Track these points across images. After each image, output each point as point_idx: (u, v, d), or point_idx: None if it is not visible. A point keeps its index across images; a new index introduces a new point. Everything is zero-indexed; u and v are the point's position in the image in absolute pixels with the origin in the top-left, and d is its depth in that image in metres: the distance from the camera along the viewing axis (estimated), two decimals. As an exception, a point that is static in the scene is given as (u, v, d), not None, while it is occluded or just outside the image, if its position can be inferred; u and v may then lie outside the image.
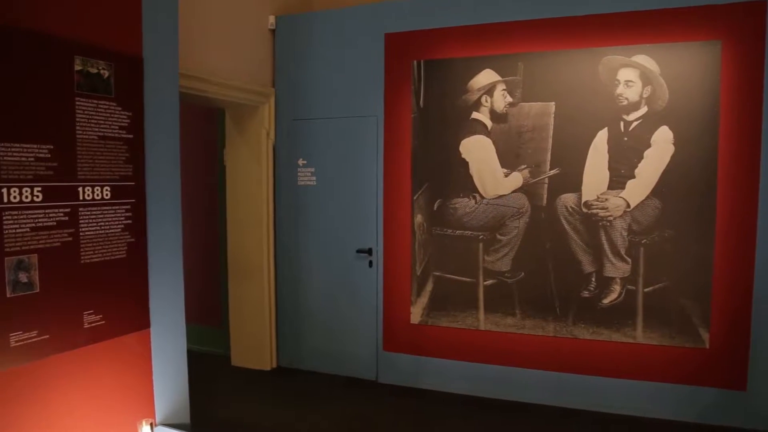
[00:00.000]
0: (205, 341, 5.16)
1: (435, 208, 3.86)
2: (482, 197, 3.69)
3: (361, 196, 4.15)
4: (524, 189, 3.57)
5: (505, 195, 3.62)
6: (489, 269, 3.69)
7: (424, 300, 3.92)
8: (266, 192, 4.42)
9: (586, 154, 3.40)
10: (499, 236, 3.66)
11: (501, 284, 3.66)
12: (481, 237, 3.70)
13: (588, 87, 3.40)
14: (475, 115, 3.68)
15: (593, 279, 3.44)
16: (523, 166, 3.56)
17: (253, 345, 4.52)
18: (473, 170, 3.70)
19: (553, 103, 3.48)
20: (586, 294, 3.46)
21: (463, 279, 3.78)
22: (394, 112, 4.01)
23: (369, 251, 4.11)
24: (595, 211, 3.40)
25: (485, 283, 3.71)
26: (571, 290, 3.49)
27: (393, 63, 3.98)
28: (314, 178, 4.34)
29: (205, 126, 4.91)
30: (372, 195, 4.10)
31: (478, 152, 3.69)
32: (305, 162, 4.38)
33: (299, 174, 4.40)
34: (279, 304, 4.51)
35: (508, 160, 3.60)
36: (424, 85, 3.86)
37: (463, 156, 3.74)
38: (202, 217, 5.06)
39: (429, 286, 3.90)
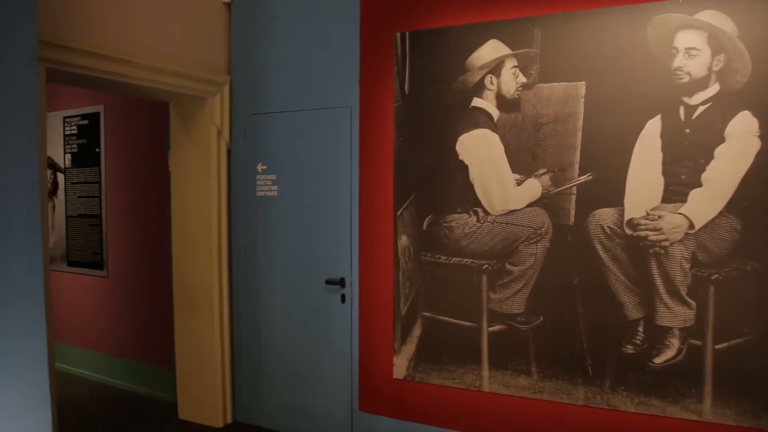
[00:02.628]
0: (153, 385, 4.37)
1: (424, 227, 3.00)
2: (486, 213, 2.81)
3: (331, 210, 3.32)
4: (543, 202, 2.68)
5: (517, 210, 2.74)
6: (496, 311, 2.81)
7: (410, 348, 3.05)
8: (217, 206, 3.62)
9: (631, 153, 2.50)
10: (509, 266, 2.77)
11: (512, 331, 2.77)
12: (485, 267, 2.83)
13: (632, 58, 2.50)
14: (476, 102, 2.82)
15: (640, 329, 2.53)
16: (541, 171, 2.68)
17: (204, 394, 3.70)
18: (474, 176, 2.84)
19: (583, 82, 2.59)
20: (630, 349, 2.54)
21: (461, 323, 2.90)
22: (371, 101, 3.18)
23: (341, 282, 3.27)
24: (643, 233, 2.49)
25: (491, 329, 2.83)
26: (609, 343, 2.58)
27: (370, 37, 3.15)
28: (275, 187, 3.53)
29: (159, 123, 4.15)
30: (345, 209, 3.26)
31: (480, 152, 2.82)
32: (265, 167, 3.56)
33: (258, 182, 3.59)
34: (235, 345, 3.69)
35: (522, 161, 2.72)
36: (410, 64, 3.01)
37: (460, 157, 2.87)
38: (150, 237, 4.30)
39: (417, 331, 3.03)
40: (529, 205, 2.71)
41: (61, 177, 5.00)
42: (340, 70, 3.25)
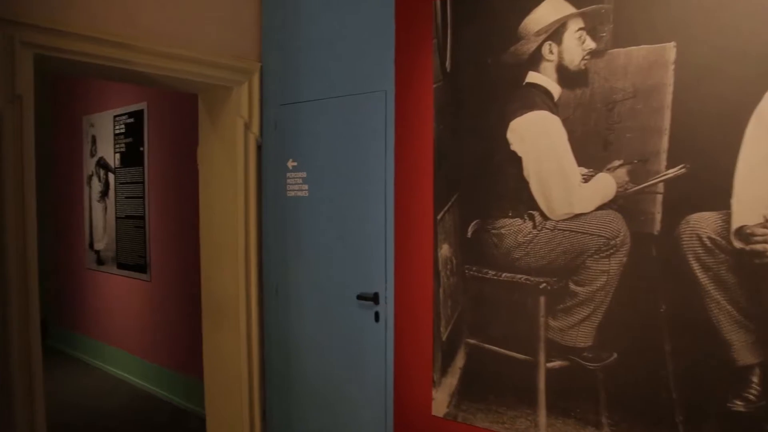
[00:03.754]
0: (190, 397, 4.16)
1: (469, 234, 2.47)
2: (545, 218, 2.25)
3: (364, 212, 2.88)
4: (618, 203, 2.08)
5: (584, 214, 2.15)
6: (556, 342, 2.24)
7: (452, 381, 2.54)
8: (244, 207, 3.28)
9: (741, 137, 1.85)
10: (573, 286, 2.19)
11: (576, 370, 2.19)
12: (542, 286, 2.26)
13: (741, 9, 1.85)
14: (532, 77, 2.26)
15: (755, 379, 1.86)
16: (616, 163, 2.08)
17: (232, 413, 3.38)
18: (529, 171, 2.28)
19: (672, 44, 1.96)
20: (739, 406, 1.88)
21: (513, 354, 2.35)
22: (408, 83, 2.70)
23: (375, 298, 2.81)
24: (759, 246, 1.83)
25: (549, 364, 2.26)
26: (709, 395, 1.93)
27: (407, 6, 2.67)
28: (306, 186, 3.14)
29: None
30: (378, 211, 2.80)
31: (537, 140, 2.26)
32: (295, 164, 3.19)
33: (288, 180, 3.22)
34: (266, 363, 3.35)
35: (590, 151, 2.13)
36: (452, 35, 2.50)
37: (512, 147, 2.33)
38: (189, 241, 4.07)
39: (460, 360, 2.51)
40: (600, 208, 2.11)
41: (113, 178, 4.93)
42: (374, 50, 2.80)
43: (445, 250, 2.56)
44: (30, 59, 2.38)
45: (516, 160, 2.31)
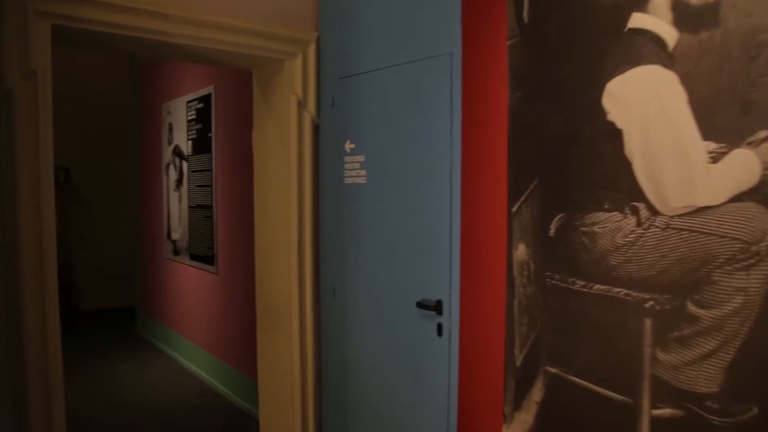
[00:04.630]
0: (250, 398, 3.95)
1: (552, 231, 1.94)
2: (654, 212, 1.67)
3: (425, 202, 2.42)
4: (763, 193, 1.47)
5: (712, 207, 1.55)
6: (666, 382, 1.66)
7: (526, 418, 2.03)
8: (298, 196, 2.94)
9: None
10: (693, 307, 1.60)
11: (695, 423, 1.60)
12: (649, 304, 1.69)
13: None
14: (637, 20, 1.69)
15: None
16: (762, 134, 1.46)
17: (284, 423, 3.08)
18: (633, 148, 1.71)
19: None
20: None
21: (606, 393, 1.80)
22: (477, 40, 2.19)
23: (437, 307, 2.35)
24: None
25: (656, 411, 1.68)
26: None
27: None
28: (364, 171, 2.73)
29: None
30: (443, 201, 2.33)
31: (644, 106, 1.68)
32: (353, 146, 2.79)
33: (346, 165, 2.83)
34: (323, 370, 3.01)
35: (722, 118, 1.52)
36: (532, -25, 1.97)
37: (610, 117, 1.76)
38: (252, 231, 3.83)
39: (537, 393, 1.99)
40: (736, 199, 1.50)
41: (186, 166, 4.83)
42: (437, 3, 2.32)
43: (521, 251, 2.04)
44: (47, 30, 2.17)
45: (614, 134, 1.75)
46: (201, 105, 4.45)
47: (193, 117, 4.59)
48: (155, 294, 5.72)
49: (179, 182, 4.92)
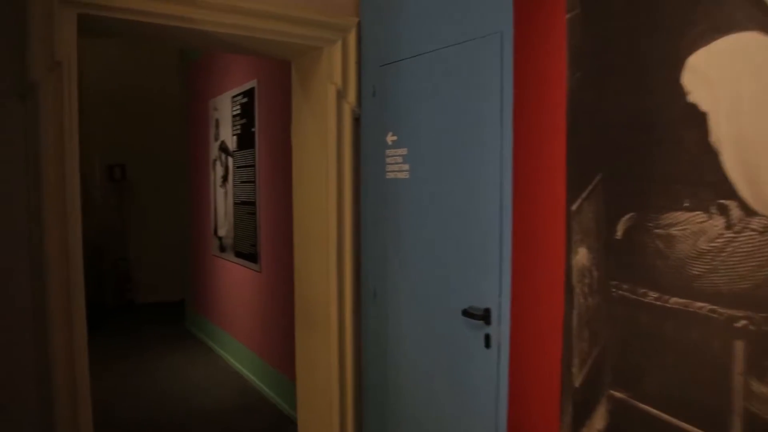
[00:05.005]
0: (282, 393, 3.84)
1: (619, 233, 1.67)
2: (748, 211, 1.38)
3: (473, 199, 2.18)
4: None
5: (825, 205, 1.26)
6: (763, 419, 1.37)
7: (588, 448, 1.77)
8: (337, 192, 2.76)
9: None
10: (799, 328, 1.31)
11: (805, 469, 1.31)
12: (742, 323, 1.40)
13: None
14: (729, -20, 1.40)
15: None
16: None
17: (324, 427, 2.91)
18: (721, 134, 1.42)
19: None
20: None
21: (684, 426, 1.52)
22: (531, 16, 1.93)
23: (485, 316, 2.11)
24: None
25: (751, 453, 1.40)
26: None
27: None
28: (406, 166, 2.52)
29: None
30: (492, 197, 2.09)
31: (736, 82, 1.39)
32: (395, 138, 2.58)
33: (388, 159, 2.62)
34: (363, 378, 2.82)
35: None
36: (597, -65, 1.70)
37: (691, 97, 1.47)
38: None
39: (599, 420, 1.73)
40: None
41: (231, 162, 4.75)
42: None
43: (581, 256, 1.78)
44: (72, 20, 2.06)
45: (696, 118, 1.46)
46: (245, 99, 4.35)
47: (238, 112, 4.50)
48: (203, 290, 5.70)
49: (225, 178, 4.85)
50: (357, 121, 2.79)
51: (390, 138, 2.60)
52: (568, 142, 1.82)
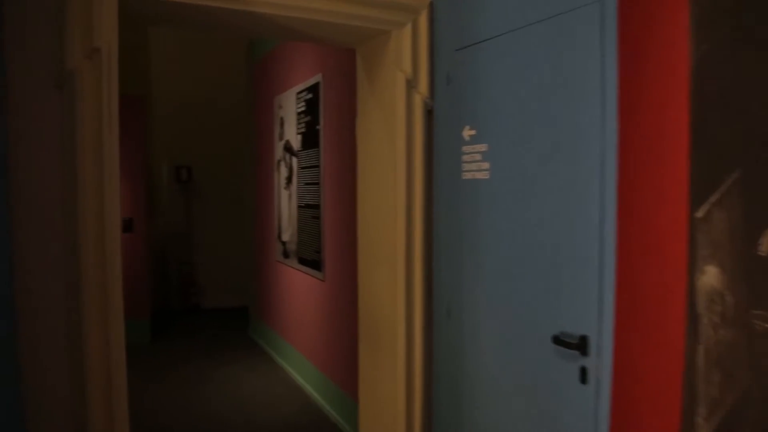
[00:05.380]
0: (344, 413, 3.64)
1: (764, 249, 1.33)
2: None
3: (567, 204, 1.88)
4: None
5: None
6: None
7: None
8: (405, 195, 2.52)
9: None
10: None
11: None
12: None
13: None
14: None
15: None
16: None
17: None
18: None
19: None
20: None
21: None
22: (644, -22, 1.62)
23: (581, 345, 1.80)
24: None
25: None
26: None
27: None
28: (486, 164, 2.24)
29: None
30: (591, 202, 1.78)
31: None
32: (473, 132, 2.31)
33: (464, 157, 2.36)
34: (435, 406, 2.56)
35: None
36: None
37: None
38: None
39: (737, 488, 1.39)
40: None
41: (295, 162, 4.62)
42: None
43: (711, 276, 1.45)
44: (113, 3, 1.94)
45: None
46: (310, 95, 4.20)
47: (302, 109, 4.36)
48: (266, 297, 5.62)
49: (289, 180, 4.72)
50: (429, 113, 2.54)
51: (467, 132, 2.34)
52: (692, 132, 1.49)
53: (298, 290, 4.64)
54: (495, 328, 2.20)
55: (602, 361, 1.75)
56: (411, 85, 2.50)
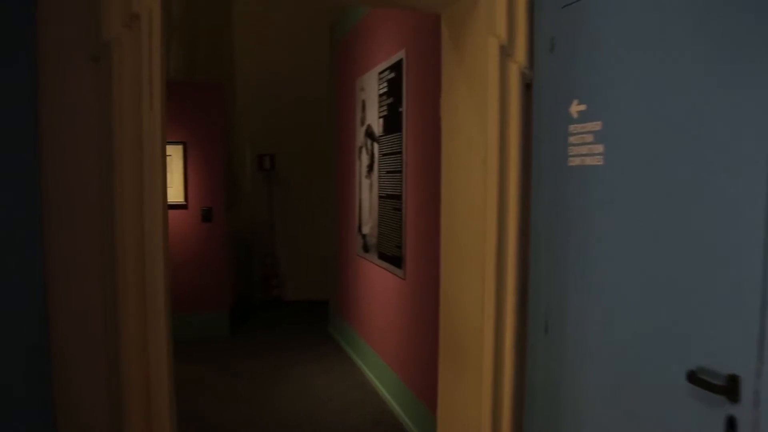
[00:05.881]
0: (421, 425, 3.33)
1: None
2: None
3: (712, 199, 1.44)
4: None
5: None
6: None
7: None
8: (497, 184, 2.14)
9: None
10: None
11: None
12: None
13: None
14: None
15: None
16: None
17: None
18: None
19: None
20: None
21: None
22: None
23: (728, 387, 1.37)
24: None
25: None
26: None
27: None
28: (600, 147, 1.83)
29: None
30: (749, 199, 1.34)
31: None
32: (583, 108, 1.90)
33: (571, 138, 1.96)
34: (527, 436, 2.19)
35: None
36: None
37: None
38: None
39: None
40: None
41: (377, 148, 4.34)
42: None
43: None
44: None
45: None
46: (392, 75, 3.89)
47: (385, 90, 4.06)
48: (346, 292, 5.40)
49: (370, 168, 4.45)
50: (528, 87, 2.15)
51: (576, 108, 1.93)
52: None
53: (378, 287, 4.36)
54: (606, 353, 1.79)
55: (761, 412, 1.32)
56: (506, 52, 2.11)
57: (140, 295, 1.74)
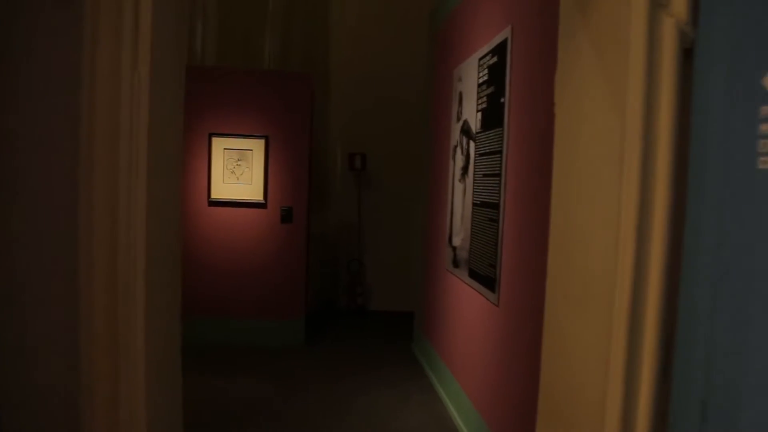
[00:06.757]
0: None
1: None
2: None
3: None
4: None
5: None
6: None
7: None
8: (635, 197, 1.45)
9: None
10: None
11: None
12: None
13: None
14: None
15: None
16: None
17: None
18: None
19: None
20: None
21: None
22: None
23: None
24: None
25: None
26: None
27: None
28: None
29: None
30: None
31: None
32: (788, 79, 1.19)
33: (763, 126, 1.25)
34: None
35: None
36: None
37: None
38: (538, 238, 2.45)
39: None
40: None
41: (473, 147, 3.69)
42: None
43: None
44: None
45: None
46: (494, 59, 3.23)
47: (485, 78, 3.41)
48: (431, 310, 4.78)
49: (465, 170, 3.81)
50: (688, 53, 1.46)
51: (772, 80, 1.23)
52: None
53: (466, 310, 3.72)
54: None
55: None
56: (657, 2, 1.44)
57: (109, 299, 1.24)
